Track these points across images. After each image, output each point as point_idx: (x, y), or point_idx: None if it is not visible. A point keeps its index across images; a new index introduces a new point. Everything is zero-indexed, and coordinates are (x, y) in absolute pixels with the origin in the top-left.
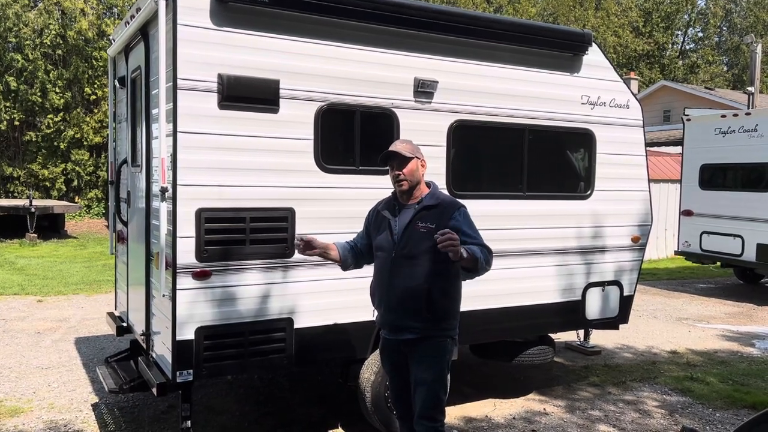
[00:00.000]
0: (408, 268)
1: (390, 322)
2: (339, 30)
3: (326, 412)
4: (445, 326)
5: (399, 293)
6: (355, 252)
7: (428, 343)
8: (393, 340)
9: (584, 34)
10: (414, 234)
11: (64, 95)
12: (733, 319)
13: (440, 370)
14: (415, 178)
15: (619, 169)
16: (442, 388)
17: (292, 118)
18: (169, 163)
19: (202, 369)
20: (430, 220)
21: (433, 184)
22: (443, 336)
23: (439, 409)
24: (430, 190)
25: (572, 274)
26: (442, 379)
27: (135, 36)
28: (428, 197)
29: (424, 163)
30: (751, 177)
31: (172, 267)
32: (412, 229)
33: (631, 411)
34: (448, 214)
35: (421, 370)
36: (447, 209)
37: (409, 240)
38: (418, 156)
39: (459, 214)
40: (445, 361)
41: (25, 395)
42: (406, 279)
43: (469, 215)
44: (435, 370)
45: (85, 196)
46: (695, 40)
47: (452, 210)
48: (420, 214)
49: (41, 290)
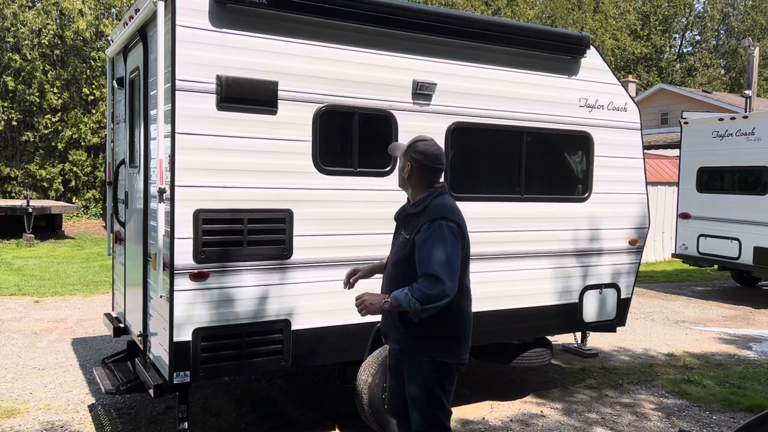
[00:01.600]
0: (391, 277)
1: (381, 326)
2: (338, 32)
3: (323, 414)
4: (424, 345)
5: None
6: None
7: (411, 358)
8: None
9: (582, 36)
10: (396, 242)
11: (62, 95)
12: (730, 322)
13: (427, 389)
14: (400, 177)
15: (617, 172)
16: (434, 405)
17: (291, 120)
18: (167, 164)
19: (199, 370)
20: (408, 229)
21: (439, 187)
22: (425, 355)
23: (434, 426)
24: (423, 196)
25: (569, 277)
26: (431, 394)
27: (134, 37)
28: (417, 204)
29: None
30: (749, 180)
31: (169, 268)
32: (397, 236)
33: (627, 413)
34: (418, 226)
35: (409, 384)
36: (421, 220)
37: (394, 248)
38: (405, 158)
39: (426, 228)
40: (431, 380)
41: (21, 396)
42: (388, 286)
43: (441, 231)
44: (421, 387)
45: (82, 197)
46: (693, 43)
47: (423, 221)
48: (404, 221)
49: (38, 291)
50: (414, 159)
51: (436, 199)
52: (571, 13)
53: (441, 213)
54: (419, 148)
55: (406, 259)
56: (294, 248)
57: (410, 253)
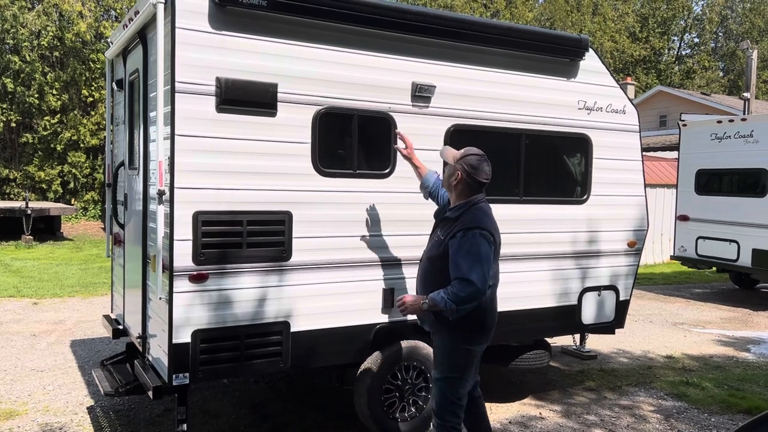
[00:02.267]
0: (425, 269)
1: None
2: (337, 34)
3: (322, 416)
4: (449, 332)
5: (418, 289)
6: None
7: (437, 341)
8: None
9: (581, 39)
10: (432, 240)
11: (61, 97)
12: (729, 324)
13: (445, 373)
14: (445, 181)
15: (616, 174)
16: (449, 390)
17: (290, 122)
18: (167, 166)
19: (198, 372)
20: (443, 231)
21: (478, 198)
22: (453, 341)
23: (446, 409)
24: (462, 202)
25: (568, 279)
26: (451, 380)
27: (133, 39)
28: (455, 209)
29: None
30: (747, 182)
31: (168, 270)
32: (433, 235)
33: (626, 416)
34: (453, 231)
35: (434, 367)
36: (457, 226)
37: (429, 244)
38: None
39: (461, 235)
40: (452, 366)
41: (20, 398)
42: (420, 277)
43: (476, 238)
44: (440, 370)
45: (81, 199)
46: (691, 45)
47: (458, 228)
48: (442, 222)
49: (37, 292)
50: (465, 170)
51: (473, 208)
52: (570, 15)
53: (476, 223)
54: (472, 161)
55: (438, 257)
56: (293, 250)
57: (443, 253)
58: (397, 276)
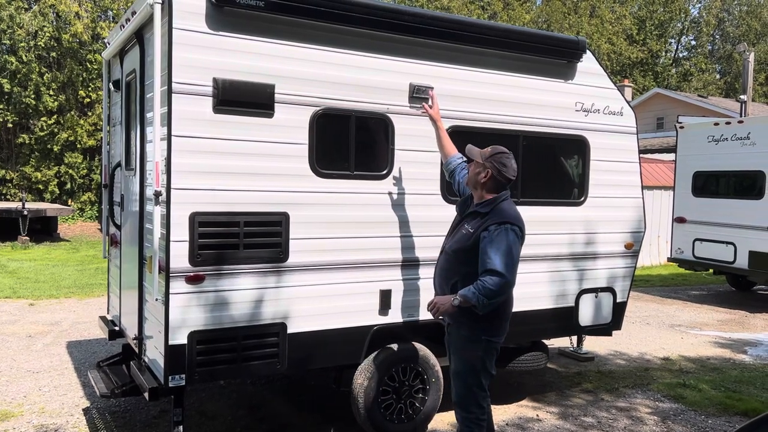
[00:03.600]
0: (447, 263)
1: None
2: (335, 35)
3: (319, 418)
4: (472, 324)
5: (438, 282)
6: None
7: (458, 334)
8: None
9: (578, 41)
10: (459, 232)
11: (58, 98)
12: (726, 326)
13: (469, 362)
14: (472, 179)
15: (613, 176)
16: (474, 382)
17: (287, 123)
18: (163, 167)
19: (194, 374)
20: (473, 224)
21: (504, 194)
22: (474, 333)
23: (471, 401)
24: (491, 198)
25: (565, 281)
26: (473, 372)
27: (130, 39)
28: (485, 204)
29: (491, 172)
30: (744, 184)
31: (165, 271)
32: (460, 227)
33: (623, 418)
34: (486, 225)
35: (452, 359)
36: (489, 220)
37: (455, 237)
38: (486, 164)
39: (494, 228)
40: (475, 358)
41: (15, 399)
42: (443, 271)
43: (506, 234)
44: (464, 361)
45: (78, 199)
46: (688, 48)
47: (492, 222)
48: (470, 216)
49: (33, 293)
50: (495, 168)
51: (504, 203)
52: (567, 17)
53: (508, 218)
54: (503, 160)
55: (467, 250)
56: (290, 251)
57: (473, 245)
58: (395, 278)
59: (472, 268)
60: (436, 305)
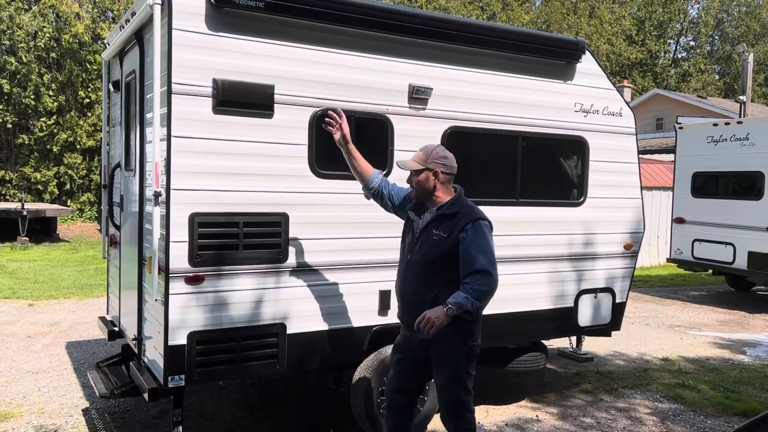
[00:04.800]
0: (420, 273)
1: (404, 319)
2: (334, 36)
3: (319, 418)
4: (455, 332)
5: (411, 294)
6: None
7: (441, 347)
8: (410, 338)
9: (578, 41)
10: (428, 240)
11: (58, 98)
12: (725, 326)
13: (455, 373)
14: (423, 189)
15: (612, 177)
16: (461, 390)
17: (287, 123)
18: (163, 168)
19: (194, 374)
20: (444, 228)
21: (458, 189)
22: (456, 341)
23: (464, 408)
24: (452, 198)
25: (565, 281)
26: (460, 381)
27: (130, 40)
28: (448, 205)
29: (440, 171)
30: (743, 185)
31: (164, 271)
32: (427, 235)
33: (623, 418)
34: (460, 225)
35: (437, 373)
36: (461, 220)
37: (423, 245)
38: (430, 167)
39: (471, 228)
40: (460, 366)
41: (15, 400)
42: (418, 283)
43: (484, 229)
44: (450, 373)
45: (77, 200)
46: (687, 48)
47: (465, 222)
48: (436, 221)
49: (32, 294)
50: (440, 165)
51: (465, 200)
52: (566, 18)
53: (478, 214)
54: (441, 154)
55: (446, 255)
56: (290, 252)
57: (452, 249)
58: (394, 278)
59: (454, 274)
60: (430, 320)
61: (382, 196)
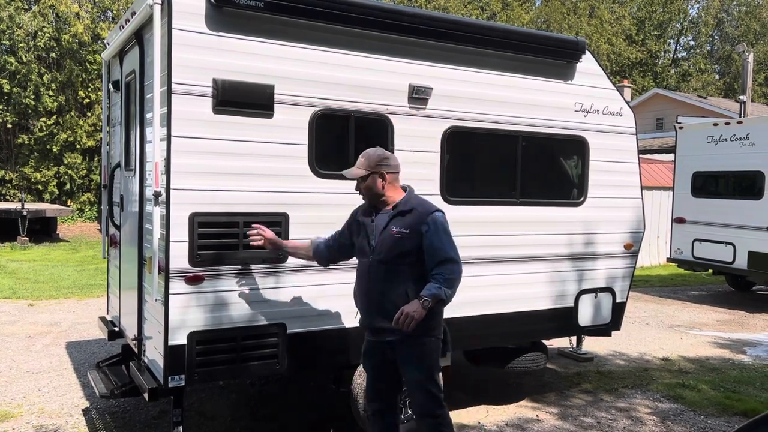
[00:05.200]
0: (385, 273)
1: (369, 324)
2: (334, 36)
3: (319, 418)
4: (424, 327)
5: (377, 297)
6: (330, 251)
7: (410, 344)
8: (376, 342)
9: (578, 41)
10: (389, 239)
11: (58, 98)
12: (725, 326)
13: (427, 370)
14: (372, 192)
15: (612, 177)
16: (433, 386)
17: (287, 123)
18: (163, 167)
19: (194, 374)
20: (404, 224)
21: (409, 188)
22: (424, 336)
23: (436, 404)
24: (405, 196)
25: (565, 281)
26: (431, 377)
27: (130, 40)
28: (403, 202)
29: (385, 173)
30: (743, 185)
31: (164, 271)
32: (388, 234)
33: (623, 418)
34: (420, 219)
35: (408, 371)
36: (421, 215)
37: (384, 245)
38: (375, 171)
39: (431, 221)
40: (431, 360)
41: (15, 400)
42: (383, 283)
43: (442, 220)
44: (421, 369)
45: (77, 200)
46: (687, 48)
47: (425, 215)
48: (395, 219)
49: (32, 294)
50: (384, 166)
51: (414, 197)
52: (567, 17)
53: (434, 207)
54: (383, 155)
55: (412, 250)
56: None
57: (417, 244)
58: None
59: (416, 269)
60: (409, 315)
61: (332, 248)
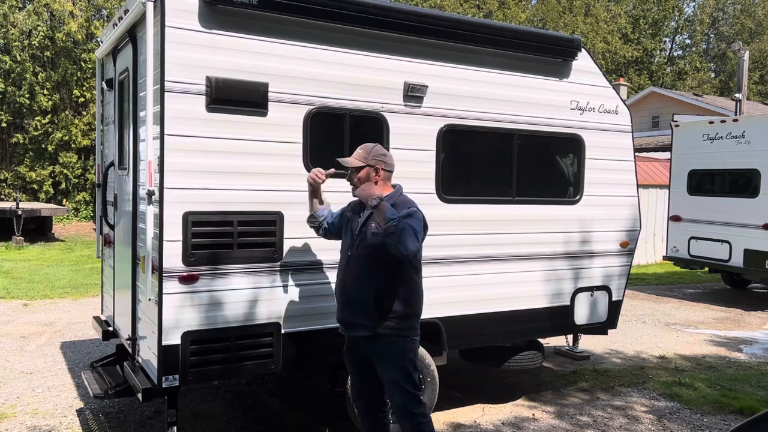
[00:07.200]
0: (360, 268)
1: (343, 318)
2: (329, 33)
3: (314, 417)
4: (397, 326)
5: (351, 291)
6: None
7: (383, 342)
8: (351, 338)
9: (574, 39)
10: (366, 234)
11: (53, 97)
12: (721, 324)
13: (403, 369)
14: (365, 187)
15: (608, 175)
16: (410, 384)
17: (281, 122)
18: (156, 166)
19: (188, 374)
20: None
21: (398, 186)
22: (397, 336)
23: (414, 403)
24: (390, 193)
25: (561, 279)
26: (408, 377)
27: (123, 38)
28: (388, 198)
29: (380, 168)
30: (739, 183)
31: (158, 271)
32: (366, 229)
33: (619, 416)
34: (399, 215)
35: (384, 370)
36: (398, 211)
37: (362, 240)
38: (371, 164)
39: (406, 214)
40: (406, 359)
41: (8, 400)
42: (358, 278)
43: (417, 218)
44: (397, 368)
45: (72, 199)
46: (683, 46)
47: (402, 211)
48: (373, 215)
49: (27, 294)
50: (380, 162)
51: (404, 195)
52: (562, 16)
53: (414, 206)
54: (380, 152)
55: (381, 249)
56: (284, 251)
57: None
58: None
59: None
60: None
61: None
